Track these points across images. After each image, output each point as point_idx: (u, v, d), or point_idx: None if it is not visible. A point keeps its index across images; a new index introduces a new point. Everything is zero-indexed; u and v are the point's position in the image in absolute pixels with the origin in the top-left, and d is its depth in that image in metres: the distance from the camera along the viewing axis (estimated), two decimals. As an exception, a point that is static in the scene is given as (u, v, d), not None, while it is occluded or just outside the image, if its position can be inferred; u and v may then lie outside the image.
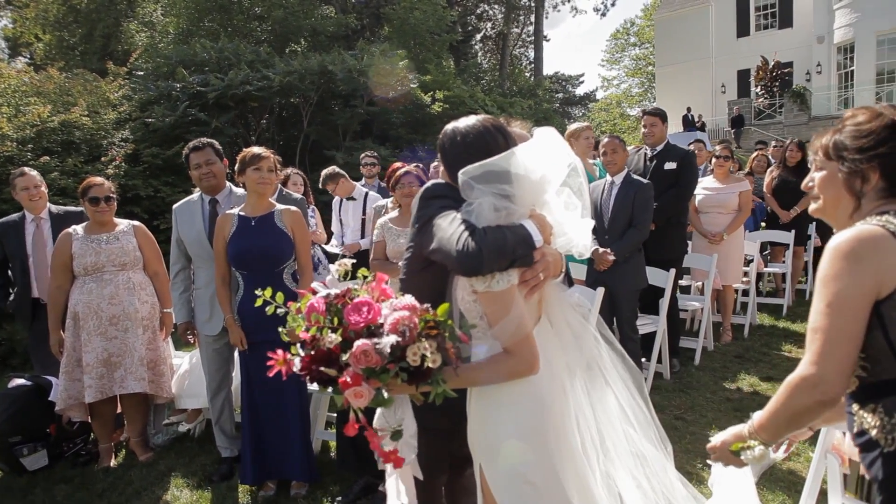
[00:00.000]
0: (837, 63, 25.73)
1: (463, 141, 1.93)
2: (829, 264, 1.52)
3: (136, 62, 12.18)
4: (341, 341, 1.66)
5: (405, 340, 1.62)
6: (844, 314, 1.49)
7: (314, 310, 1.73)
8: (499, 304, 1.76)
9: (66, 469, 4.19)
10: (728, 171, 6.14)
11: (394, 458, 1.73)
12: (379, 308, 1.71)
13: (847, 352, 1.50)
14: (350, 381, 1.61)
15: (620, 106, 45.12)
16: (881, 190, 1.59)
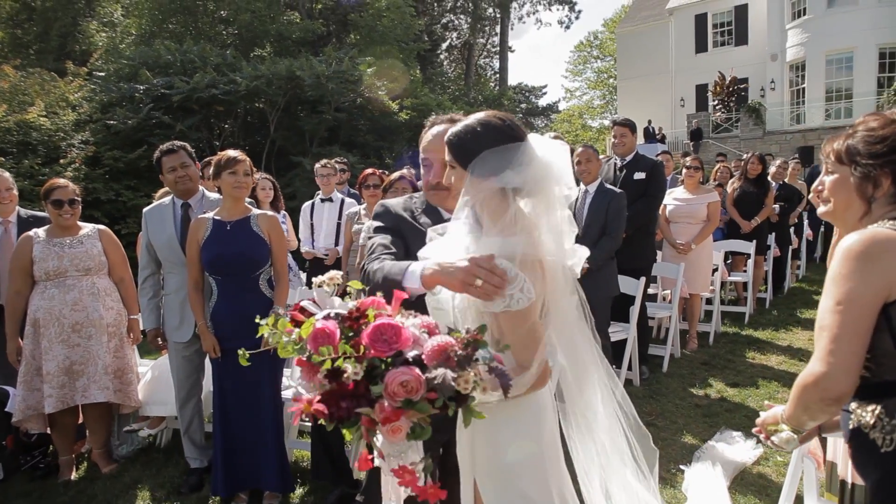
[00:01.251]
0: (790, 80, 26.70)
1: (486, 127, 1.83)
2: (841, 264, 1.54)
3: (97, 63, 11.86)
4: (365, 373, 1.48)
5: (455, 368, 1.46)
6: (853, 313, 1.51)
7: (325, 336, 1.51)
8: (518, 322, 1.70)
9: (24, 483, 4.01)
10: (698, 182, 6.30)
11: (433, 492, 1.54)
12: (406, 332, 1.52)
13: (853, 350, 1.52)
14: (392, 416, 1.42)
15: (582, 117, 45.88)
16: (892, 195, 1.62)
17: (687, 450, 4.08)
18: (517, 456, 1.82)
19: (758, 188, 7.57)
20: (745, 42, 29.13)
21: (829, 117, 25.11)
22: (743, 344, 6.41)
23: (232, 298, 3.45)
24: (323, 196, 6.31)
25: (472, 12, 35.66)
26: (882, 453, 1.56)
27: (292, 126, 13.31)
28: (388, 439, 1.46)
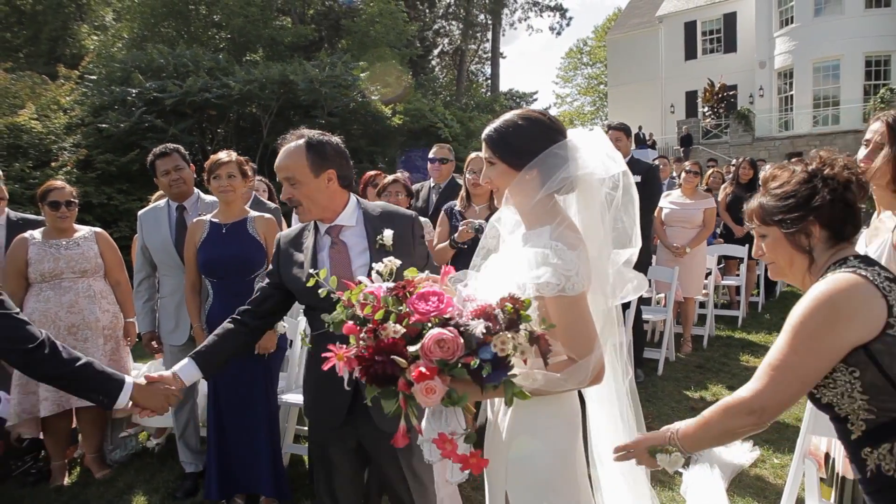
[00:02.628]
0: (778, 87, 26.95)
1: (528, 121, 1.81)
2: (808, 311, 1.53)
3: (89, 66, 11.79)
4: (405, 333, 1.51)
5: (494, 327, 1.49)
6: (809, 362, 1.52)
7: (371, 296, 1.60)
8: (566, 309, 1.65)
9: (15, 489, 3.95)
10: (695, 187, 6.33)
11: (475, 461, 1.54)
12: (450, 299, 1.56)
13: (795, 394, 1.55)
14: (426, 372, 1.44)
15: (573, 123, 46.11)
16: (828, 239, 1.64)
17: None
18: (552, 469, 1.78)
19: (750, 193, 7.60)
20: (733, 49, 29.40)
21: (817, 124, 25.38)
22: (737, 347, 6.44)
23: (228, 301, 3.41)
24: None
25: (463, 18, 35.79)
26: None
27: (285, 130, 12.97)
28: (421, 401, 1.46)
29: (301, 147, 2.25)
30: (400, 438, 1.60)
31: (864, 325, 1.49)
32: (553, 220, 1.75)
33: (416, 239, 2.33)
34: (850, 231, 1.65)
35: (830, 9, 24.76)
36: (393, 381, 1.51)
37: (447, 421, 1.59)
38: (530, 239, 1.77)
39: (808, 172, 1.64)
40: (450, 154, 5.37)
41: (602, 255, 1.80)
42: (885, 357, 1.48)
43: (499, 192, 1.84)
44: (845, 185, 1.62)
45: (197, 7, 20.94)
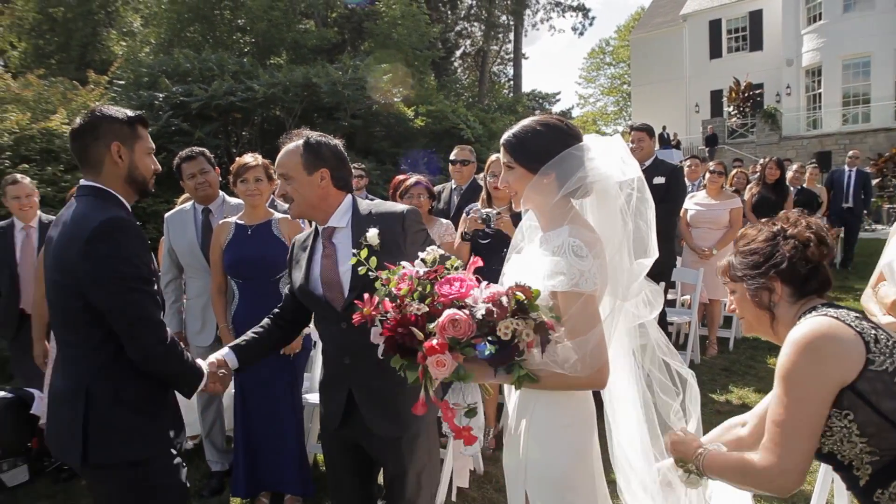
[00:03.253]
0: (806, 85, 26.48)
1: (546, 127, 1.87)
2: (789, 359, 1.56)
3: (117, 71, 12.02)
4: (427, 312, 1.66)
5: (499, 313, 1.61)
6: (806, 408, 1.53)
7: (406, 276, 1.75)
8: (584, 307, 1.69)
9: (48, 485, 4.06)
10: (721, 188, 6.26)
11: (466, 434, 1.70)
12: (471, 286, 1.70)
13: (809, 446, 1.54)
14: (437, 347, 1.59)
15: (596, 123, 45.79)
16: (791, 295, 1.70)
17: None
18: (569, 467, 1.81)
19: (776, 193, 7.50)
20: (759, 47, 28.96)
21: (847, 122, 24.89)
22: (763, 350, 6.34)
23: (253, 302, 3.47)
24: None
25: (485, 20, 35.74)
26: None
27: (309, 133, 13.40)
28: (433, 373, 1.61)
29: (298, 146, 2.32)
30: (419, 407, 1.71)
31: (845, 363, 1.51)
32: (570, 221, 1.81)
33: (409, 234, 2.30)
34: (814, 286, 1.70)
35: (860, 5, 24.28)
36: (413, 353, 1.67)
37: (464, 396, 1.86)
38: (549, 239, 1.82)
39: (771, 232, 1.73)
40: (471, 156, 5.38)
41: (619, 258, 1.83)
42: (873, 394, 1.50)
43: (517, 195, 1.91)
44: (805, 242, 1.67)
45: (222, 12, 21.23)
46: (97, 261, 1.93)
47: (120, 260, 1.95)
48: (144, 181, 2.16)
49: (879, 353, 1.52)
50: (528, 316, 1.62)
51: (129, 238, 2.00)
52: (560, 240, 1.75)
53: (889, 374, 1.51)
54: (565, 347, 1.69)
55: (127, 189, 2.14)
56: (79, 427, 1.93)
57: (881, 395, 1.50)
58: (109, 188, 2.10)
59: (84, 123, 2.10)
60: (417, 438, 2.33)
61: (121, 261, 1.95)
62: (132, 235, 2.01)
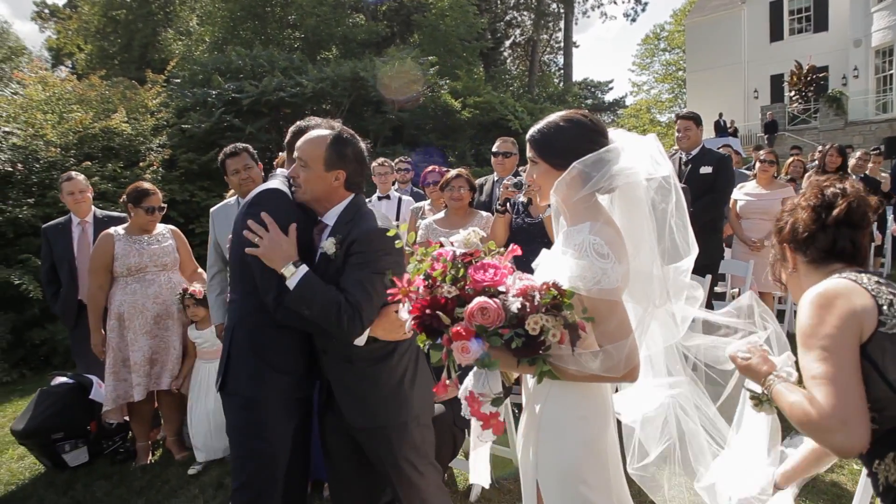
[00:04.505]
0: (875, 67, 25.09)
1: (570, 122, 1.88)
2: (809, 316, 1.56)
3: (173, 70, 12.47)
4: (457, 296, 1.66)
5: (530, 308, 1.61)
6: (843, 354, 1.48)
7: (441, 257, 1.75)
8: (607, 304, 1.70)
9: (106, 466, 4.28)
10: (772, 177, 6.02)
11: (495, 422, 1.70)
12: (505, 274, 1.69)
13: (860, 391, 1.46)
14: (463, 332, 1.60)
15: (650, 112, 44.63)
16: (806, 263, 1.76)
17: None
18: (581, 459, 1.80)
19: (837, 182, 7.16)
20: (824, 28, 27.58)
21: (921, 104, 23.50)
22: (818, 345, 6.09)
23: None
24: (380, 194, 6.39)
25: (535, 8, 35.33)
26: None
27: (357, 126, 13.47)
28: (458, 357, 1.62)
29: (326, 138, 2.32)
30: (441, 387, 1.73)
31: (858, 314, 1.51)
32: (593, 217, 1.79)
33: (356, 255, 2.22)
34: (824, 252, 1.72)
35: (937, -21, 22.83)
36: (439, 334, 1.67)
37: (485, 383, 1.73)
38: (571, 235, 1.81)
39: (792, 202, 1.82)
40: (513, 147, 5.34)
41: (645, 257, 1.81)
42: (881, 359, 1.48)
43: (541, 190, 1.93)
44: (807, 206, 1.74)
45: (273, 9, 21.69)
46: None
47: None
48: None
49: (892, 316, 1.51)
50: (559, 313, 1.61)
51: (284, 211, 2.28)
52: (581, 237, 1.75)
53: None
54: (589, 354, 1.68)
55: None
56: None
57: (888, 360, 1.48)
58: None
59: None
60: (405, 427, 2.37)
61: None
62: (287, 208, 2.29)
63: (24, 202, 7.74)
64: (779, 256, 1.83)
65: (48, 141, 8.54)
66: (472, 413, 1.73)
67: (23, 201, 7.75)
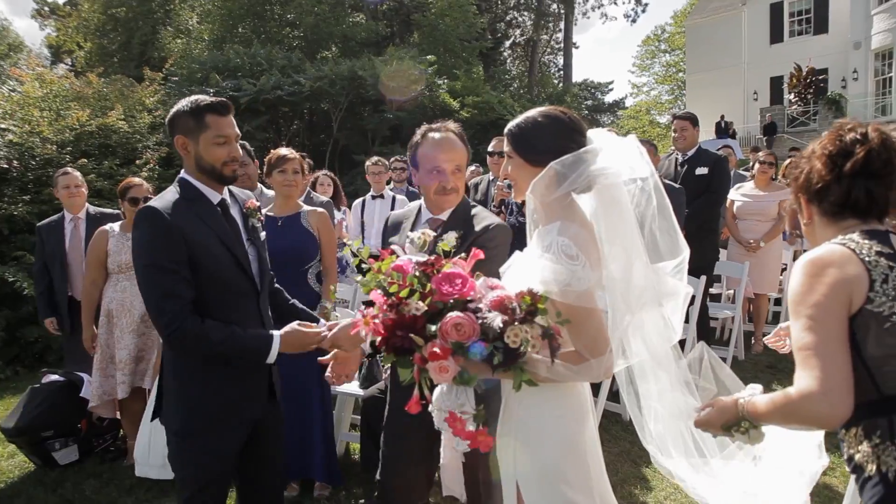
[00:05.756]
0: (875, 69, 25.11)
1: (549, 119, 1.86)
2: (800, 282, 1.52)
3: (172, 68, 12.44)
4: (426, 311, 1.59)
5: (508, 320, 1.56)
6: (830, 324, 1.45)
7: (401, 271, 1.66)
8: (583, 310, 1.67)
9: (96, 464, 4.26)
10: (770, 179, 6.01)
11: (483, 439, 1.63)
12: (473, 283, 1.63)
13: (845, 360, 1.44)
14: (439, 352, 1.53)
15: (650, 113, 44.62)
16: (821, 215, 1.65)
17: (747, 456, 3.91)
18: (561, 458, 1.79)
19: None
20: (824, 30, 27.59)
21: (919, 107, 23.50)
22: (814, 347, 6.08)
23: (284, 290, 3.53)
24: (374, 193, 6.38)
25: (535, 8, 35.33)
26: (866, 478, 1.47)
27: (355, 125, 13.58)
28: (435, 378, 1.56)
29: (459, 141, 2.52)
30: (413, 405, 1.67)
31: (848, 287, 1.46)
32: (566, 217, 1.77)
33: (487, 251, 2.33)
34: (837, 205, 1.60)
35: (937, -19, 22.83)
36: (410, 352, 1.60)
37: (457, 397, 1.66)
38: (542, 235, 1.80)
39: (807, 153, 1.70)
40: (508, 147, 5.33)
41: (628, 259, 1.77)
42: (861, 335, 1.45)
43: (517, 185, 1.91)
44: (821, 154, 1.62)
45: (272, 7, 21.68)
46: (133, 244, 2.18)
47: (139, 245, 2.11)
48: (213, 169, 2.17)
49: (882, 294, 1.46)
50: (535, 322, 1.56)
51: (151, 227, 2.07)
52: (550, 238, 1.72)
53: (883, 318, 1.45)
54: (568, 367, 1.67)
55: (205, 178, 2.20)
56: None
57: (869, 338, 1.45)
58: (191, 178, 2.20)
59: (167, 119, 2.25)
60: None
61: (139, 246, 2.11)
62: (158, 227, 2.06)
63: (19, 199, 7.69)
64: (794, 205, 1.74)
65: (45, 138, 8.50)
66: (457, 433, 1.65)
67: (18, 198, 7.70)
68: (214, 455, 2.21)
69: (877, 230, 1.56)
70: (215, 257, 2.13)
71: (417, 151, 2.52)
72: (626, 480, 3.69)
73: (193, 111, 2.16)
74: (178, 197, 2.15)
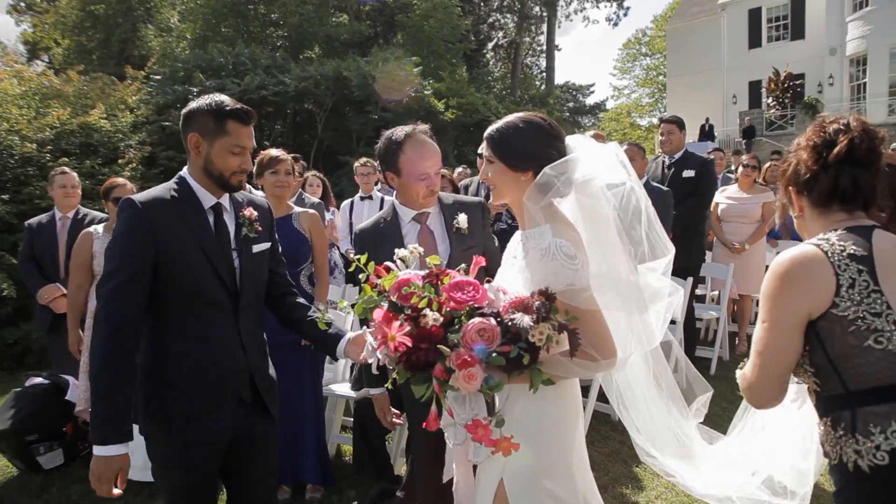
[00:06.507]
0: (850, 75, 25.60)
1: (529, 124, 1.88)
2: (768, 283, 1.61)
3: (154, 67, 12.30)
4: (444, 322, 1.58)
5: (536, 319, 1.56)
6: (778, 332, 1.59)
7: (408, 283, 1.64)
8: (589, 313, 1.69)
9: (82, 468, 4.18)
10: (753, 182, 6.10)
11: (507, 444, 1.60)
12: (485, 289, 1.63)
13: (779, 365, 1.61)
14: (469, 359, 1.51)
15: (631, 115, 45.05)
16: (811, 207, 1.70)
17: (735, 455, 3.97)
18: (552, 458, 1.80)
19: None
20: (801, 36, 28.09)
21: (893, 112, 23.98)
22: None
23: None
24: (362, 194, 6.36)
25: (518, 11, 35.48)
26: (832, 465, 1.58)
27: (340, 126, 13.53)
28: (462, 388, 1.53)
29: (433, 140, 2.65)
30: (432, 422, 1.66)
31: (812, 295, 1.54)
32: (553, 220, 1.78)
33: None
34: (824, 196, 1.65)
35: (909, -10, 23.33)
36: (429, 367, 1.57)
37: (471, 406, 1.63)
38: (530, 238, 1.80)
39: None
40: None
41: (613, 264, 1.78)
42: (828, 337, 1.53)
43: (496, 189, 1.93)
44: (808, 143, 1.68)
45: (255, 6, 21.52)
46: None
47: (112, 235, 2.06)
48: (221, 177, 2.08)
49: (848, 299, 1.52)
50: (554, 319, 1.58)
51: (124, 219, 2.02)
52: (546, 240, 1.73)
53: (847, 322, 1.51)
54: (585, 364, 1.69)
55: (207, 181, 2.11)
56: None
57: (835, 341, 1.53)
58: (190, 177, 2.12)
59: (184, 111, 2.14)
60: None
61: (112, 236, 2.06)
62: (129, 218, 2.01)
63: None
64: (784, 200, 1.80)
65: (24, 136, 8.34)
66: (480, 439, 1.60)
67: (-3, 198, 7.57)
68: (180, 469, 2.10)
69: (861, 226, 1.61)
70: (188, 262, 2.02)
71: (399, 158, 2.54)
72: (617, 480, 3.72)
73: (216, 113, 2.06)
74: (168, 193, 2.08)
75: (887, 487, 1.46)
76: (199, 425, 2.08)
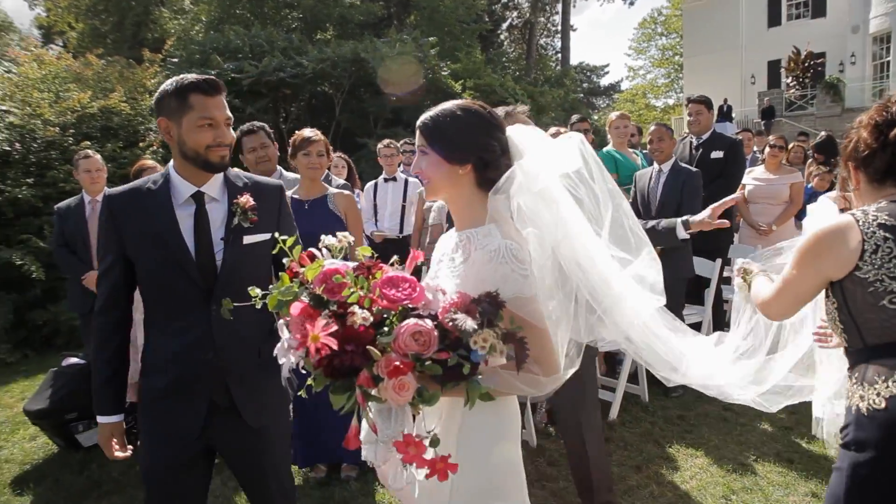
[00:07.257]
0: (873, 53, 25.09)
1: (466, 112, 1.69)
2: (805, 240, 1.77)
3: (171, 49, 12.27)
4: (373, 322, 1.37)
5: (480, 323, 1.36)
6: (800, 281, 1.79)
7: (336, 273, 1.41)
8: (529, 309, 1.56)
9: (118, 447, 4.26)
10: (780, 163, 6.02)
11: (443, 465, 1.37)
12: (422, 288, 1.43)
13: (794, 299, 1.84)
14: (401, 366, 1.30)
15: (646, 96, 44.53)
16: (867, 182, 1.80)
17: (766, 436, 3.97)
18: (501, 477, 1.69)
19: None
20: (822, 14, 27.52)
21: (917, 92, 23.53)
22: (823, 330, 6.14)
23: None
24: (386, 176, 6.35)
25: (532, -10, 35.02)
26: (847, 407, 1.73)
27: (357, 108, 13.47)
28: (392, 399, 1.32)
29: None
30: (353, 439, 1.44)
31: (838, 262, 1.69)
32: (498, 220, 1.65)
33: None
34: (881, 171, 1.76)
35: (937, -35, 22.75)
36: (353, 374, 1.35)
37: (396, 422, 1.40)
38: (473, 238, 1.63)
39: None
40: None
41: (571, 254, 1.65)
42: (850, 296, 1.69)
43: (430, 183, 1.71)
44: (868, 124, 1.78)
45: (270, -12, 21.42)
46: None
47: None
48: (197, 156, 1.98)
49: (870, 263, 1.66)
50: (499, 326, 1.40)
51: (100, 213, 2.13)
52: (496, 243, 1.57)
53: (867, 283, 1.66)
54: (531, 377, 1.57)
55: (188, 167, 2.01)
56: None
57: (857, 300, 1.68)
58: (172, 166, 2.05)
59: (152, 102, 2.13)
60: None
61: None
62: (101, 211, 2.09)
63: (23, 182, 7.62)
64: (844, 174, 1.92)
65: (46, 120, 8.38)
66: (410, 460, 1.35)
67: (21, 181, 7.63)
68: (147, 453, 2.11)
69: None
70: (150, 255, 1.98)
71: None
72: (650, 460, 3.73)
73: (177, 91, 1.96)
74: (145, 186, 2.04)
75: (882, 429, 1.61)
76: (166, 417, 2.06)
